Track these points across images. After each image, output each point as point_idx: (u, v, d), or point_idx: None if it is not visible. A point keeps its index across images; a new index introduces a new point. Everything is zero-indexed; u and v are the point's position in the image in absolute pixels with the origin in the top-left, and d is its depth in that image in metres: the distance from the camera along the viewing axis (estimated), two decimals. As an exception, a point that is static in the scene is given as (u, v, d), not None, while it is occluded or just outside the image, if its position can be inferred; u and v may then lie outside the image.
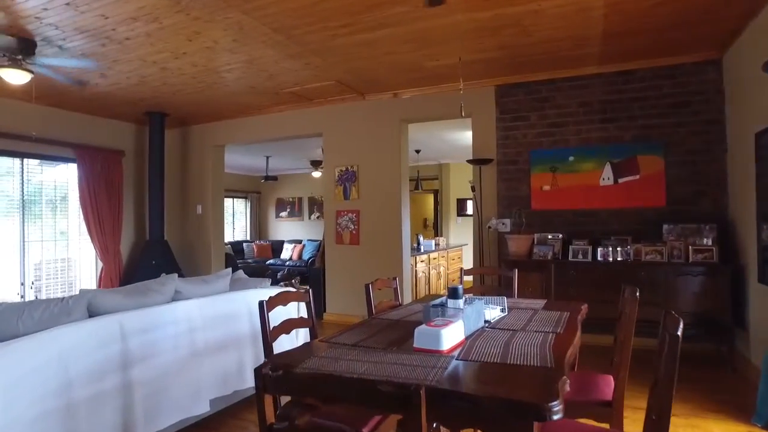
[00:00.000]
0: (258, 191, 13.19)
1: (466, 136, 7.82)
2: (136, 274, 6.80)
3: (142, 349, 2.62)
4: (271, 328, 2.17)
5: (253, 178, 12.89)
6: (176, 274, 3.05)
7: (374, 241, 6.10)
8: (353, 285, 6.21)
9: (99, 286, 6.78)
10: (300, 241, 12.07)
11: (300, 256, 11.62)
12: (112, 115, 6.94)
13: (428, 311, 2.24)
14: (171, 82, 5.41)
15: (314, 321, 2.51)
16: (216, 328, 3.11)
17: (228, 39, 4.22)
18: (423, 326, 1.91)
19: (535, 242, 5.03)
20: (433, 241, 9.05)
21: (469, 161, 5.49)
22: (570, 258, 4.74)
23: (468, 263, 10.62)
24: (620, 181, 4.92)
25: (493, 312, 2.47)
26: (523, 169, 5.32)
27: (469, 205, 10.94)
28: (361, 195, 6.18)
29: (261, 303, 2.12)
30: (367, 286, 2.91)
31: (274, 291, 3.65)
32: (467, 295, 2.65)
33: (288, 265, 11.30)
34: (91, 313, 2.54)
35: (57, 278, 6.67)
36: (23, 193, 6.18)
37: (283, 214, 12.97)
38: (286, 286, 10.13)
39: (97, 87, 5.60)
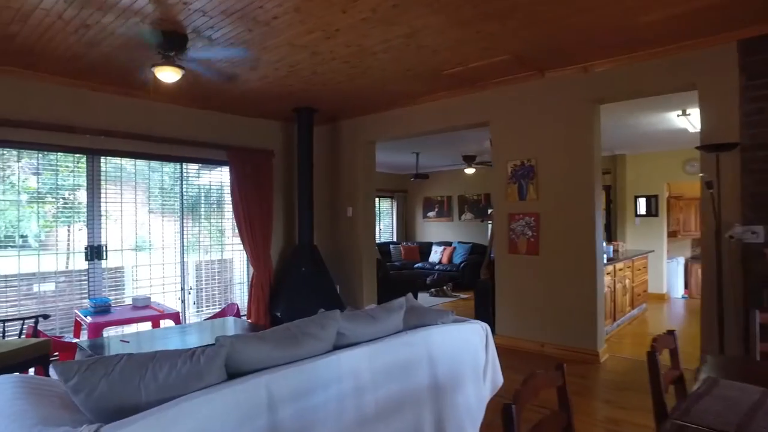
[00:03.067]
0: (404, 190, 12.57)
1: (664, 120, 6.23)
2: (285, 281, 6.43)
3: (297, 420, 1.86)
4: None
5: (399, 176, 12.30)
6: (338, 311, 2.27)
7: (558, 250, 4.94)
8: (530, 303, 5.11)
9: (250, 294, 6.52)
10: (450, 244, 11.18)
11: (450, 260, 10.74)
12: (260, 114, 6.65)
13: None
14: (321, 70, 4.80)
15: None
16: (389, 383, 2.27)
17: (388, 5, 3.40)
18: None
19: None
20: (611, 247, 7.54)
21: (699, 147, 4.06)
22: None
23: (657, 276, 8.85)
24: None
25: None
26: (786, 155, 3.78)
27: (641, 203, 9.11)
28: (541, 195, 5.04)
29: (507, 409, 1.19)
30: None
31: (463, 328, 2.73)
32: None
33: (438, 269, 10.49)
34: (230, 370, 1.83)
35: (214, 280, 6.55)
36: (182, 197, 6.09)
37: (431, 214, 12.18)
38: (437, 293, 9.34)
39: (246, 83, 5.21)
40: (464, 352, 2.78)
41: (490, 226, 10.28)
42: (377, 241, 11.80)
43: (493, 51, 4.36)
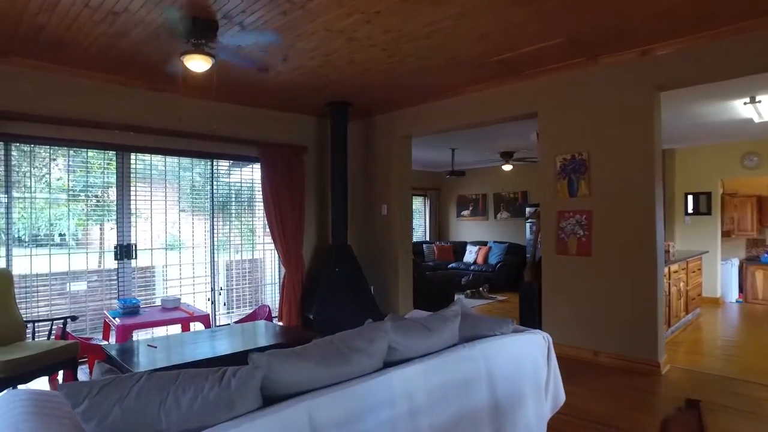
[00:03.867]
0: (437, 188, 12.22)
1: (726, 109, 5.74)
2: (318, 281, 6.18)
3: (344, 451, 1.57)
4: None
5: (432, 174, 11.95)
6: (388, 324, 1.97)
7: (613, 250, 4.54)
8: (581, 308, 4.73)
9: (281, 295, 6.29)
10: (485, 243, 10.78)
11: (486, 260, 10.35)
12: (293, 109, 6.42)
13: None
14: (358, 59, 4.52)
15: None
16: (445, 404, 1.97)
17: (436, -18, 3.10)
18: None
19: None
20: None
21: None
22: None
23: (710, 279, 8.29)
24: None
25: None
26: None
27: (691, 201, 8.52)
28: (594, 191, 4.65)
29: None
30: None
31: (524, 340, 2.42)
32: None
33: (473, 270, 10.11)
34: (265, 392, 1.55)
35: (245, 280, 6.36)
36: (213, 194, 5.90)
37: (465, 212, 11.79)
38: (473, 294, 8.97)
39: (279, 76, 4.98)
40: (525, 366, 2.46)
41: (528, 225, 9.86)
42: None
43: (546, 34, 3.99)
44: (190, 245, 5.79)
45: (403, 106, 6.27)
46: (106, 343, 4.34)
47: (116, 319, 4.26)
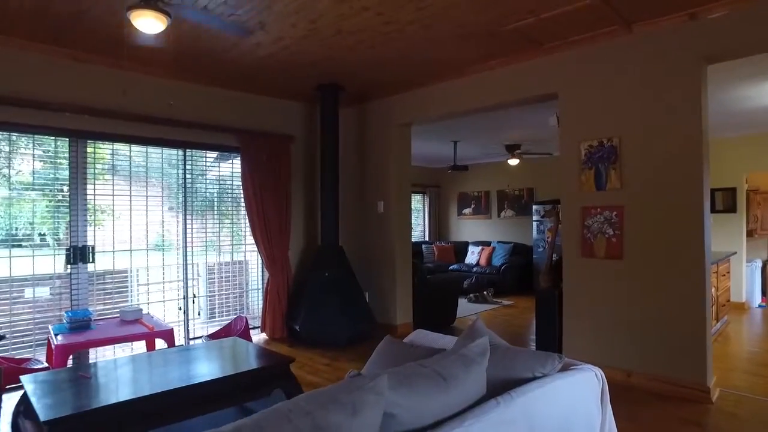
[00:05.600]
0: (437, 185, 11.51)
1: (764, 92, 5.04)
2: (305, 287, 5.46)
3: None
4: None
5: (431, 170, 11.24)
6: (382, 381, 1.23)
7: (649, 253, 3.84)
8: (611, 320, 4.03)
9: (264, 303, 5.59)
10: (488, 243, 10.08)
11: (489, 261, 9.65)
12: (277, 93, 5.69)
13: None
14: (348, 27, 3.81)
15: None
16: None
17: None
18: None
19: None
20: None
21: None
22: None
23: (736, 283, 7.59)
24: None
25: None
26: None
27: (714, 197, 7.83)
28: (627, 183, 3.95)
29: None
30: None
31: (574, 381, 1.71)
32: None
33: (476, 272, 9.41)
34: None
35: (227, 285, 5.64)
36: (186, 188, 5.17)
37: (467, 211, 11.08)
38: (476, 299, 8.25)
39: (259, 49, 4.27)
40: (576, 416, 1.76)
41: (535, 224, 9.16)
42: (408, 241, 10.81)
43: (574, -7, 3.30)
44: (162, 246, 5.07)
45: (402, 89, 5.56)
46: (44, 365, 3.61)
47: (58, 336, 3.53)
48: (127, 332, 3.73)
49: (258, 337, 5.62)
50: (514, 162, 8.73)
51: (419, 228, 11.50)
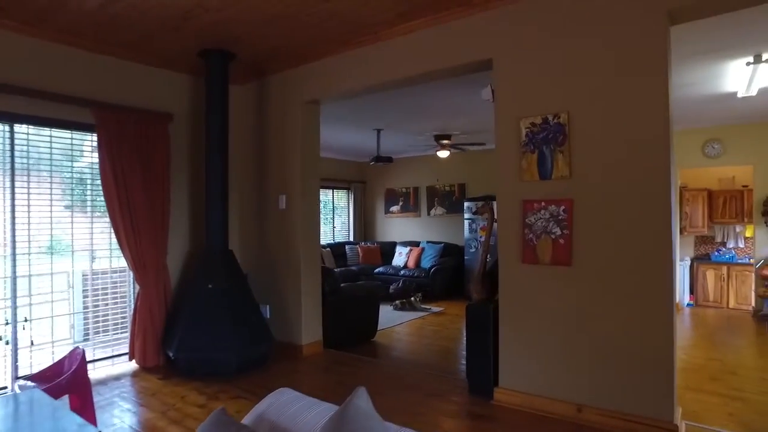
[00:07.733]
0: (363, 180, 10.59)
1: (720, 75, 4.51)
2: (183, 305, 4.34)
3: None
4: None
5: (356, 163, 10.32)
6: None
7: (603, 258, 3.08)
8: (557, 342, 3.25)
9: (133, 324, 4.41)
10: (417, 244, 9.29)
11: (417, 263, 8.85)
12: (149, 59, 4.51)
13: None
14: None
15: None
16: None
17: None
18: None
19: None
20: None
21: None
22: None
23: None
24: None
25: None
26: None
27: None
28: (577, 170, 3.18)
29: None
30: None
31: None
32: None
33: (403, 275, 8.58)
34: None
35: (108, 297, 4.40)
36: (13, 176, 3.89)
37: (394, 208, 10.24)
38: (402, 306, 7.36)
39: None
40: None
41: (467, 223, 8.46)
42: (331, 242, 9.80)
43: None
44: (-23, 254, 3.77)
45: (307, 59, 4.56)
46: None
47: None
48: None
49: (126, 366, 4.43)
50: (444, 154, 7.95)
51: (344, 227, 10.53)
